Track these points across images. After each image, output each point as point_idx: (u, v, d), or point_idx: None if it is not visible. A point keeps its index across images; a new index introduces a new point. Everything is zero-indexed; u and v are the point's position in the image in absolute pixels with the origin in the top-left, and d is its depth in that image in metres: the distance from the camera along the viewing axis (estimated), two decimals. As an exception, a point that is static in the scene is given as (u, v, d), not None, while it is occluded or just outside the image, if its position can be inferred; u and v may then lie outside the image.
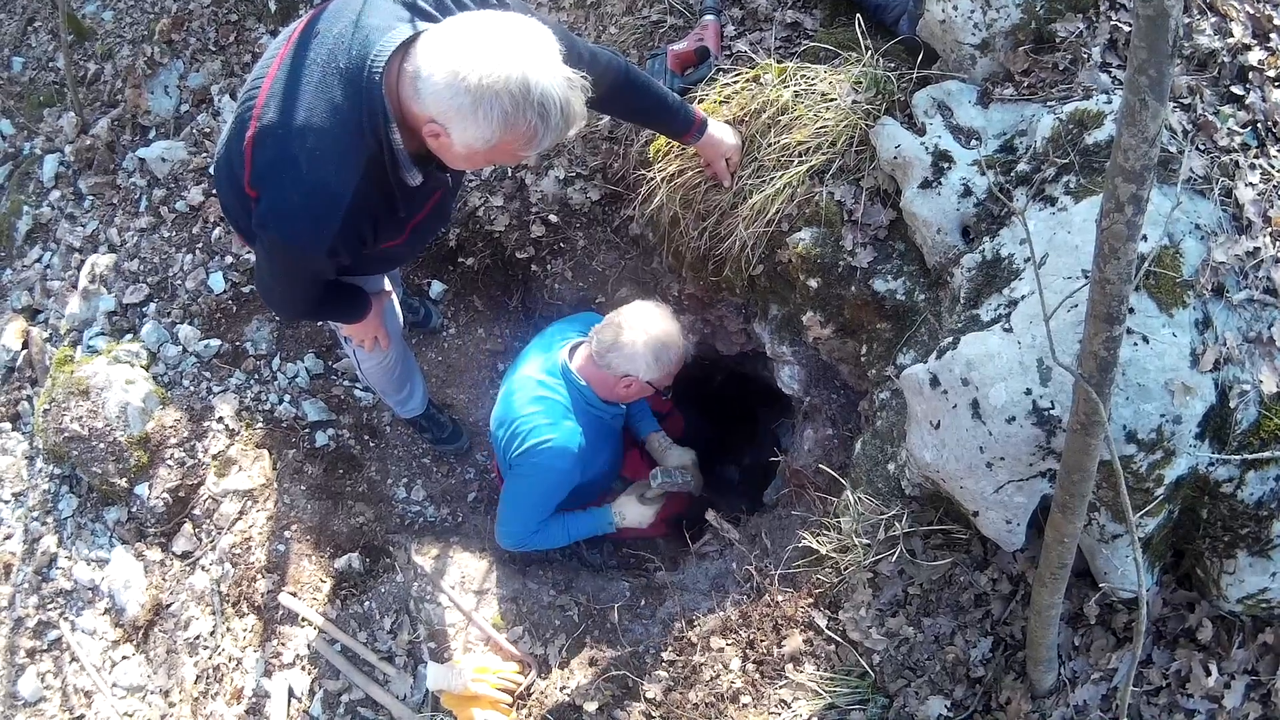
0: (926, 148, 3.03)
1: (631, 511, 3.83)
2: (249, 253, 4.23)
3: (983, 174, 2.95)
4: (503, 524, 3.61)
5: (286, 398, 4.25)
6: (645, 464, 4.13)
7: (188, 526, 3.88)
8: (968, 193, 2.97)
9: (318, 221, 2.45)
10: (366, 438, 4.35)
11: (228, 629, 3.65)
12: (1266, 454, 2.46)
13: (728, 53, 3.69)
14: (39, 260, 4.62)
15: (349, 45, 2.38)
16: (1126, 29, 2.90)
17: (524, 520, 3.56)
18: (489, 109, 2.21)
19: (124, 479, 3.87)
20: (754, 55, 3.57)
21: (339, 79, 2.38)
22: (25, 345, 4.42)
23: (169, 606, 3.76)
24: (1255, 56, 2.83)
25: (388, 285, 3.49)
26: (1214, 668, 2.69)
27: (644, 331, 3.40)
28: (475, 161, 2.46)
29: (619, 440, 3.87)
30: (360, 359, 3.73)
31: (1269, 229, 2.59)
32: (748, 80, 3.48)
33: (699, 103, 3.52)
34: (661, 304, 3.58)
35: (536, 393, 3.48)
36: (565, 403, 3.48)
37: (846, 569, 3.09)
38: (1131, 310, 2.40)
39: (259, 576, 3.73)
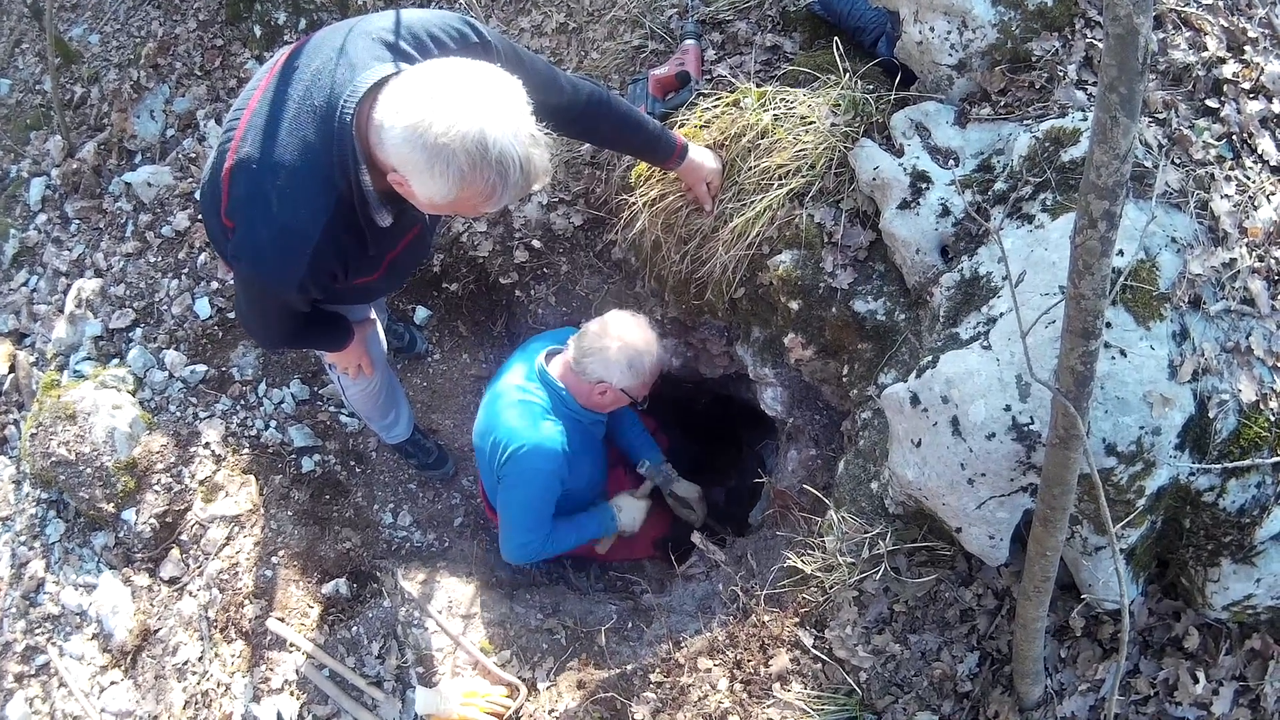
0: (905, 168, 3.06)
1: (627, 505, 3.92)
2: (233, 278, 4.23)
3: (961, 194, 2.97)
4: (510, 539, 3.60)
5: (273, 423, 4.25)
6: (631, 482, 4.13)
7: (175, 552, 3.87)
8: (946, 212, 2.99)
9: (286, 259, 2.45)
10: (353, 463, 4.35)
11: (216, 654, 3.64)
12: (1247, 462, 2.47)
13: (708, 77, 3.73)
14: (25, 284, 4.62)
15: (325, 83, 2.38)
16: (1101, 46, 2.94)
17: (529, 528, 3.55)
18: (445, 166, 2.19)
19: (111, 504, 3.86)
20: (734, 79, 3.59)
21: (313, 117, 2.38)
22: (12, 369, 4.41)
23: (157, 632, 3.75)
24: (1230, 69, 2.85)
25: (372, 313, 3.50)
26: (1202, 675, 2.70)
27: (619, 339, 3.42)
28: (440, 210, 2.43)
29: (601, 452, 3.89)
30: (345, 385, 3.74)
31: (1245, 239, 2.60)
32: (728, 104, 3.51)
33: (680, 127, 3.54)
34: (639, 314, 3.59)
35: (515, 398, 3.50)
36: (544, 405, 3.50)
37: (832, 588, 3.09)
38: (1109, 325, 2.42)
39: (247, 602, 3.72)
